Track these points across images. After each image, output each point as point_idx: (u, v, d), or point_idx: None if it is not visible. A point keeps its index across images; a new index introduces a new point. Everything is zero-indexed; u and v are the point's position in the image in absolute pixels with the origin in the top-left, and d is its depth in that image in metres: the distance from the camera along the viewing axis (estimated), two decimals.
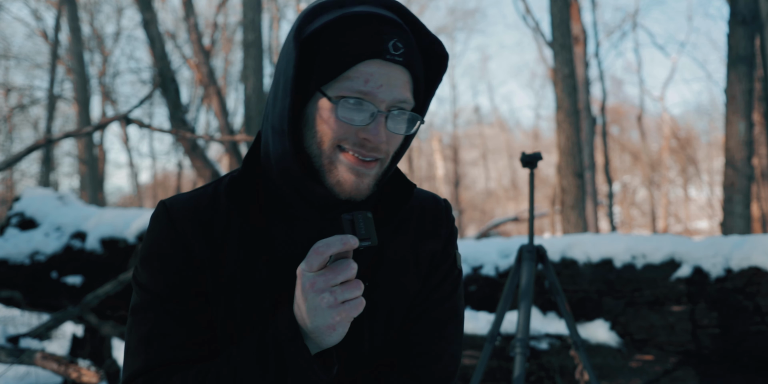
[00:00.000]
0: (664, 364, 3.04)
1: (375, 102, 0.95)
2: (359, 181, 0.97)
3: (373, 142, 0.95)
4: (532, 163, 2.45)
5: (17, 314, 6.64)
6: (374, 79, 0.94)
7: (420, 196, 1.16)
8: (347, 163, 0.97)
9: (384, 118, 0.96)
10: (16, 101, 18.63)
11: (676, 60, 36.81)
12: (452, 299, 1.13)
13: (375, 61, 0.94)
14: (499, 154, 31.91)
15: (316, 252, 0.87)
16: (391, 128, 0.97)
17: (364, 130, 0.95)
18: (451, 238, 1.16)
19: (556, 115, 7.10)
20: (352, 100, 0.94)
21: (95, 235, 4.45)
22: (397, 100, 0.96)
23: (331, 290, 0.87)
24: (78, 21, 13.14)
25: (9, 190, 20.07)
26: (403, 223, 1.11)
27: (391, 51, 0.95)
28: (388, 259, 1.08)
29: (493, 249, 3.56)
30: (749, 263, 2.98)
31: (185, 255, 1.02)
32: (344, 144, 0.96)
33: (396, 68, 0.96)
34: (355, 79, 0.94)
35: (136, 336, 1.00)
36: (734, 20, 7.17)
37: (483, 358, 2.43)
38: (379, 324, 1.06)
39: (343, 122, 0.95)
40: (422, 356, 1.07)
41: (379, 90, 0.94)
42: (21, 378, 4.49)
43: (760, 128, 10.93)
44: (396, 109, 0.97)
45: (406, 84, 0.97)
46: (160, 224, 1.05)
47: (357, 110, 0.95)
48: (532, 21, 15.69)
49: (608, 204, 16.64)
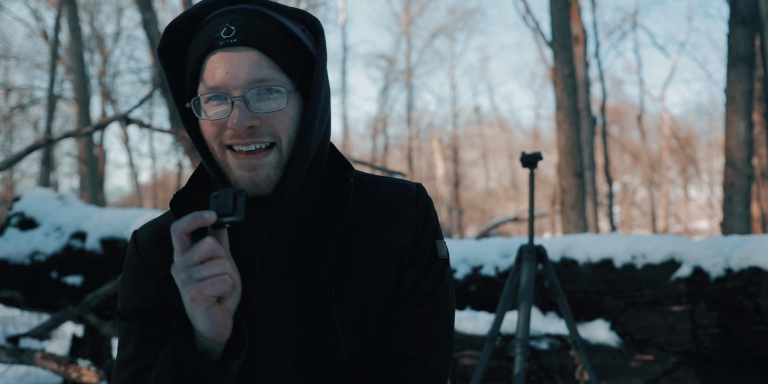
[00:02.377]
0: (664, 364, 3.04)
1: (229, 91, 0.93)
2: (252, 174, 0.95)
3: (236, 128, 0.92)
4: (532, 163, 2.45)
5: (17, 314, 6.65)
6: (219, 70, 0.92)
7: (389, 186, 1.09)
8: (235, 161, 0.96)
9: (242, 102, 0.92)
10: (16, 101, 18.63)
11: (676, 60, 36.84)
12: (437, 295, 1.04)
13: (213, 53, 0.93)
14: (499, 154, 31.91)
15: (173, 232, 0.86)
16: (256, 109, 0.93)
17: (229, 120, 0.93)
18: (427, 223, 1.06)
19: (556, 115, 7.09)
20: (206, 97, 0.94)
21: (95, 235, 4.45)
22: (250, 80, 0.92)
23: (187, 270, 0.85)
24: (78, 21, 13.14)
25: (9, 190, 20.07)
26: (366, 217, 1.04)
27: (223, 36, 0.92)
28: (353, 260, 1.01)
29: (493, 249, 3.56)
30: (749, 263, 2.98)
31: (152, 280, 1.05)
32: (225, 141, 0.95)
33: (238, 51, 0.92)
34: (206, 78, 0.94)
35: (116, 362, 1.03)
36: (734, 20, 7.17)
37: (483, 358, 2.43)
38: (353, 331, 0.99)
39: (210, 121, 0.95)
40: (406, 361, 1.00)
41: (227, 77, 0.92)
42: (21, 378, 4.49)
43: (760, 128, 10.93)
44: (254, 89, 0.93)
45: (257, 62, 0.93)
46: (129, 254, 1.09)
47: (215, 105, 0.94)
48: (532, 21, 15.69)
49: (608, 204, 16.64)
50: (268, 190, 0.96)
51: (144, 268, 1.06)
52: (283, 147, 0.96)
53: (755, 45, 7.55)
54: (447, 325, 1.05)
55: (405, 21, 27.40)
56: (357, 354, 1.00)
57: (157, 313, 1.03)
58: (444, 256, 1.07)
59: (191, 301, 0.86)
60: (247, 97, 0.92)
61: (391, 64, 27.58)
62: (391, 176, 8.32)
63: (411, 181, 1.12)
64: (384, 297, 1.02)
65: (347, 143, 26.04)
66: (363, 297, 1.01)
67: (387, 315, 1.02)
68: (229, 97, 0.93)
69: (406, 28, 27.24)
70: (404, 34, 27.30)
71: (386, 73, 27.87)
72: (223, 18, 0.95)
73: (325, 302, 0.99)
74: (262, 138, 0.94)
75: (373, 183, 1.09)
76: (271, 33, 0.94)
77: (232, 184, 0.97)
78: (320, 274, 0.99)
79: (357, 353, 1.00)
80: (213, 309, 0.87)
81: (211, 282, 0.85)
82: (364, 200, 1.06)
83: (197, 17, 0.99)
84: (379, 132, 28.19)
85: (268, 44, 0.93)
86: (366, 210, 1.05)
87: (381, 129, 28.23)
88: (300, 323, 1.00)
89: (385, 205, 1.06)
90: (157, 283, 1.05)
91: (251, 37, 0.93)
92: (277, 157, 0.96)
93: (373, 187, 1.08)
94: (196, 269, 0.85)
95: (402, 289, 1.03)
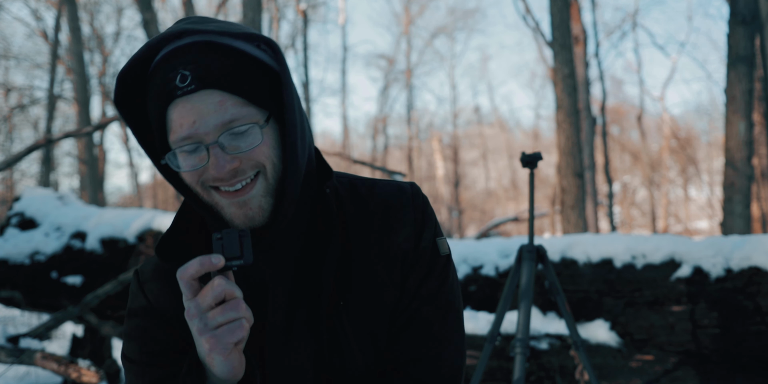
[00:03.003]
0: (664, 364, 3.04)
1: (201, 139, 0.90)
2: (245, 210, 0.93)
3: (218, 175, 0.90)
4: (532, 163, 2.44)
5: (17, 314, 6.65)
6: (185, 120, 0.89)
7: (382, 190, 1.07)
8: (224, 200, 0.94)
9: (217, 148, 0.89)
10: (16, 101, 18.63)
11: (676, 60, 36.83)
12: (443, 292, 1.04)
13: (174, 103, 0.90)
14: (499, 154, 31.91)
15: (179, 279, 0.85)
16: (233, 151, 0.90)
17: (210, 168, 0.91)
18: (425, 223, 1.05)
19: (556, 115, 7.09)
20: (180, 149, 0.91)
21: (95, 235, 4.45)
22: (219, 125, 0.89)
23: (201, 316, 0.84)
24: (78, 21, 13.14)
25: (9, 190, 20.08)
26: (365, 223, 1.04)
27: (180, 85, 0.88)
28: (357, 268, 1.01)
29: (493, 249, 3.56)
30: (749, 263, 2.98)
31: (159, 321, 1.03)
32: (209, 183, 0.94)
33: (199, 97, 0.89)
34: (174, 130, 0.91)
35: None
36: (734, 20, 7.17)
37: (483, 358, 2.43)
38: (365, 339, 1.00)
39: (190, 171, 0.93)
40: (421, 360, 1.01)
41: (195, 126, 0.89)
42: (21, 378, 4.49)
43: (760, 128, 10.93)
44: (226, 131, 0.89)
45: (221, 104, 0.89)
46: (133, 293, 1.06)
47: (191, 155, 0.92)
48: (532, 21, 15.68)
49: (608, 204, 16.64)
50: (263, 221, 0.95)
51: (150, 308, 1.03)
52: (268, 173, 0.94)
53: (755, 45, 7.55)
54: (456, 320, 1.06)
55: (405, 21, 27.40)
56: (372, 360, 1.01)
57: (166, 353, 1.01)
58: (446, 253, 1.06)
59: (209, 351, 0.84)
60: (221, 142, 0.89)
61: (391, 64, 27.60)
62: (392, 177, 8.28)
63: (405, 181, 1.11)
64: (391, 301, 1.02)
65: (347, 143, 26.04)
66: (371, 304, 1.01)
67: (396, 317, 1.02)
68: (202, 145, 0.90)
69: (406, 28, 27.24)
70: (404, 34, 27.31)
71: (386, 73, 27.88)
72: (174, 62, 0.90)
73: (334, 313, 0.99)
74: (246, 174, 0.92)
75: (367, 187, 1.08)
76: (228, 66, 0.90)
77: (228, 221, 0.96)
78: (325, 287, 0.98)
79: (372, 359, 1.01)
80: (231, 355, 0.86)
81: (228, 329, 0.84)
82: (360, 206, 1.05)
83: (147, 59, 0.94)
84: (379, 132, 28.20)
85: (227, 80, 0.89)
86: (364, 216, 1.04)
87: (381, 129, 28.24)
88: (312, 338, 0.99)
89: (382, 210, 1.04)
90: (165, 323, 1.02)
91: (208, 79, 0.88)
92: (264, 184, 0.94)
93: (368, 192, 1.07)
94: (211, 316, 0.84)
95: (408, 291, 1.03)
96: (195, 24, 0.93)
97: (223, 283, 0.84)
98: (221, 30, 0.91)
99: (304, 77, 21.50)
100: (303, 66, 21.51)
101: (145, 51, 0.93)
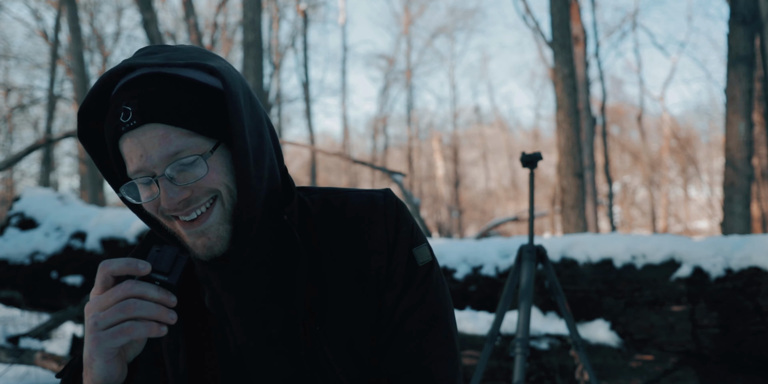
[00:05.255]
0: (664, 364, 3.04)
1: (150, 172, 0.91)
2: (204, 240, 0.94)
3: (169, 207, 0.91)
4: (532, 163, 2.44)
5: (17, 314, 6.64)
6: (133, 154, 0.90)
7: (355, 203, 1.05)
8: (183, 230, 0.94)
9: (165, 180, 0.90)
10: (16, 101, 18.63)
11: (676, 60, 36.85)
12: (425, 304, 1.02)
13: (122, 139, 0.91)
14: (499, 154, 31.90)
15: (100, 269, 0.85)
16: (182, 182, 0.91)
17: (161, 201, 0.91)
18: (398, 237, 1.02)
19: (556, 115, 7.09)
20: (132, 182, 0.93)
21: (95, 235, 4.45)
22: (164, 157, 0.89)
23: (95, 313, 0.83)
24: (78, 21, 13.13)
25: (9, 190, 20.08)
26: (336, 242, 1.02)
27: (123, 121, 0.89)
28: (332, 288, 1.00)
29: (493, 249, 3.56)
30: (749, 263, 2.98)
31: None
32: (168, 213, 0.93)
33: (143, 132, 0.89)
34: (128, 163, 0.92)
35: None
36: (734, 20, 7.17)
37: (483, 358, 2.43)
38: (346, 360, 0.99)
39: (145, 203, 0.94)
40: (409, 373, 1.00)
41: (142, 160, 0.90)
42: (21, 378, 4.49)
43: (760, 128, 10.92)
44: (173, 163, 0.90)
45: (164, 137, 0.89)
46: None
47: (145, 185, 0.93)
48: (532, 21, 15.68)
49: (608, 204, 16.64)
50: (224, 249, 0.95)
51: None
52: (224, 198, 0.93)
53: (755, 45, 7.55)
54: (444, 328, 1.03)
55: (405, 21, 27.40)
56: (356, 375, 1.00)
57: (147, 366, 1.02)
58: (426, 261, 1.04)
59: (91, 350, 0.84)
60: (168, 174, 0.90)
61: (391, 64, 27.59)
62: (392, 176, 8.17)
63: (377, 189, 1.08)
64: (370, 318, 1.01)
65: (347, 143, 26.04)
66: (349, 324, 0.99)
67: (379, 333, 1.01)
68: (151, 178, 0.91)
69: (406, 28, 27.24)
70: (404, 34, 27.31)
71: (386, 73, 27.88)
72: (120, 97, 0.91)
73: (313, 338, 0.98)
74: (200, 201, 0.92)
75: (340, 200, 1.06)
76: (173, 98, 0.90)
77: (189, 250, 0.96)
78: (299, 311, 0.98)
79: (356, 374, 1.00)
80: (111, 362, 0.85)
81: (112, 332, 0.83)
82: (333, 221, 1.04)
83: (104, 92, 0.95)
84: (379, 132, 28.20)
85: (169, 113, 0.89)
86: (337, 232, 1.03)
87: (381, 129, 28.24)
88: (290, 364, 0.99)
89: (354, 225, 1.03)
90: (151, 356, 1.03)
91: (149, 113, 0.88)
92: (221, 210, 0.94)
93: (341, 204, 1.05)
94: (103, 315, 0.83)
95: (387, 307, 1.01)
96: (144, 57, 0.93)
97: (129, 287, 0.83)
98: (167, 61, 0.91)
99: (304, 77, 21.50)
100: (303, 66, 21.52)
101: (101, 85, 0.94)
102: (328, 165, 29.71)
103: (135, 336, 0.83)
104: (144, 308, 0.83)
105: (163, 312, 0.84)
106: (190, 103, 0.91)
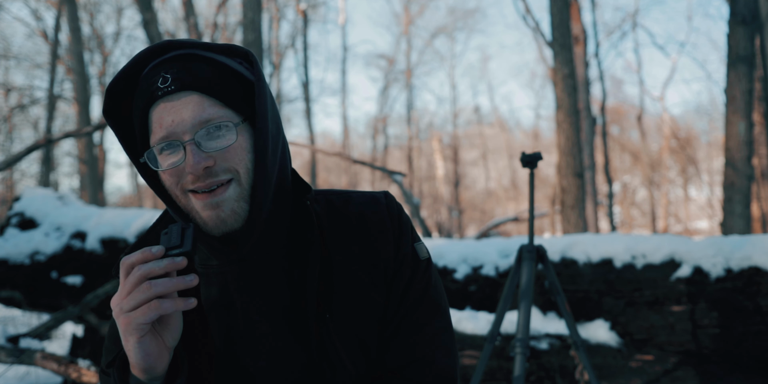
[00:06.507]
0: (664, 364, 3.04)
1: (178, 137, 0.94)
2: (218, 212, 0.96)
3: (193, 171, 0.93)
4: (532, 163, 2.45)
5: (17, 314, 6.65)
6: (164, 119, 0.94)
7: (357, 202, 1.10)
8: (198, 202, 0.96)
9: (193, 145, 0.94)
10: (16, 101, 18.63)
11: (676, 60, 36.85)
12: (428, 295, 1.08)
13: (155, 104, 0.95)
14: (499, 154, 31.90)
15: (121, 265, 0.88)
16: (208, 148, 0.94)
17: (186, 165, 0.94)
18: (402, 231, 1.09)
19: (556, 115, 7.09)
20: (159, 148, 0.95)
21: (95, 235, 4.45)
22: (196, 123, 0.94)
23: (120, 301, 0.87)
24: (78, 21, 13.14)
25: (9, 190, 20.08)
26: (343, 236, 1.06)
27: (160, 86, 0.94)
28: (339, 280, 1.03)
29: (493, 249, 3.56)
30: (749, 263, 2.98)
31: None
32: (187, 187, 0.96)
33: (178, 98, 0.94)
34: (154, 130, 0.96)
35: None
36: (734, 20, 7.17)
37: (483, 358, 2.43)
38: (354, 349, 1.02)
39: (168, 170, 0.96)
40: (415, 362, 1.04)
41: (174, 125, 0.94)
42: (21, 378, 4.49)
43: (760, 128, 10.93)
44: (202, 130, 0.94)
45: (199, 104, 0.94)
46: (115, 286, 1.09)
47: (169, 154, 0.96)
48: (532, 21, 15.68)
49: (608, 204, 16.64)
50: (237, 225, 0.97)
51: None
52: (242, 179, 0.97)
53: (755, 45, 7.55)
54: (445, 321, 1.09)
55: (405, 21, 27.40)
56: (363, 368, 1.03)
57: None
58: (425, 256, 1.10)
59: (124, 332, 0.87)
60: (197, 139, 0.94)
61: (391, 64, 27.60)
62: (392, 176, 8.21)
63: (377, 191, 1.15)
64: (378, 310, 1.05)
65: (347, 143, 26.03)
66: (357, 314, 1.03)
67: (386, 324, 1.05)
68: (180, 143, 0.94)
69: (406, 28, 27.24)
70: (404, 34, 27.31)
71: (386, 73, 27.88)
72: (158, 68, 0.97)
73: (321, 326, 1.01)
74: (219, 177, 0.95)
75: (342, 200, 1.11)
76: (207, 72, 0.96)
77: (201, 226, 0.98)
78: (309, 300, 1.00)
79: (363, 367, 1.03)
80: (145, 339, 0.87)
81: (140, 310, 0.85)
82: (337, 219, 1.08)
83: (134, 73, 1.00)
84: (379, 132, 28.20)
85: (205, 84, 0.95)
86: (342, 229, 1.07)
87: (381, 129, 28.24)
88: (301, 351, 1.01)
89: (359, 222, 1.08)
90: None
91: (188, 81, 0.94)
92: (238, 189, 0.97)
93: (344, 205, 1.10)
94: (126, 300, 0.86)
95: (394, 298, 1.06)
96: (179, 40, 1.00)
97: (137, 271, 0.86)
98: (203, 44, 0.99)
99: (304, 77, 21.50)
100: (303, 66, 21.52)
101: (134, 65, 0.99)
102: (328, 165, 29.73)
103: (164, 310, 0.85)
104: (160, 284, 0.85)
105: (179, 281, 0.86)
106: (224, 80, 0.97)
